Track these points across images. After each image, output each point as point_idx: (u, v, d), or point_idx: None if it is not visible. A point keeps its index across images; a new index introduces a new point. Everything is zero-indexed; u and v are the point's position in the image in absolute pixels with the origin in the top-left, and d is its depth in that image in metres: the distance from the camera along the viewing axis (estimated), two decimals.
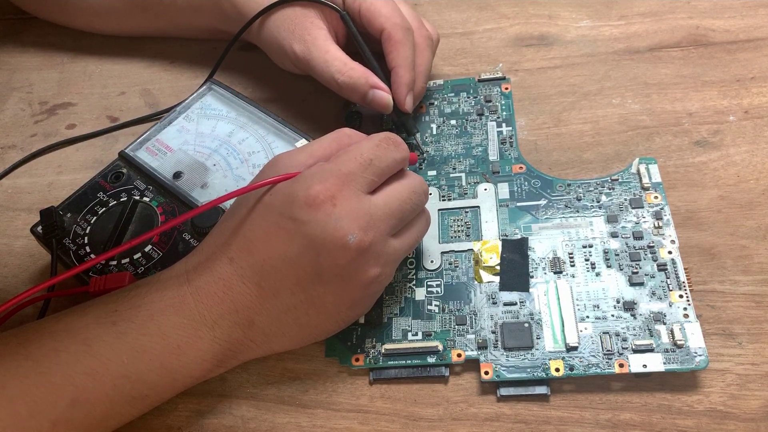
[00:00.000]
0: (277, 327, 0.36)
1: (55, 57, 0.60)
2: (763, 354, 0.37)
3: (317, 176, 0.34)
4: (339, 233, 0.33)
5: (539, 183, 0.44)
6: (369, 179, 0.35)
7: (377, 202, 0.35)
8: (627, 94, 0.49)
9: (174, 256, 0.41)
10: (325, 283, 0.34)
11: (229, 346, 0.36)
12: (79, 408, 0.33)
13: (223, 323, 0.35)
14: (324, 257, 0.34)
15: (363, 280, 0.35)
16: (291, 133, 0.45)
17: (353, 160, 0.35)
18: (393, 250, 0.36)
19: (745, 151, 0.45)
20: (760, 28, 0.51)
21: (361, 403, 0.38)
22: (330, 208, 0.33)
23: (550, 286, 0.39)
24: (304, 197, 0.34)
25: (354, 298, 0.36)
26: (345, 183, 0.34)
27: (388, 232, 0.35)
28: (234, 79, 0.54)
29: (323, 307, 0.35)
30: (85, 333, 0.34)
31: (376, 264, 0.35)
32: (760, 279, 0.39)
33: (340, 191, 0.34)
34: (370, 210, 0.34)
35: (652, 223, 0.41)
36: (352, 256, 0.34)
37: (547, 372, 0.36)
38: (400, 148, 0.37)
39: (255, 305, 0.35)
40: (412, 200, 0.37)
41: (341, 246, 0.33)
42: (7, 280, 0.46)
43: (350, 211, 0.34)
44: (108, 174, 0.46)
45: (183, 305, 0.35)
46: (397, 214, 0.36)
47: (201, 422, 0.38)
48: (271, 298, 0.35)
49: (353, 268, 0.34)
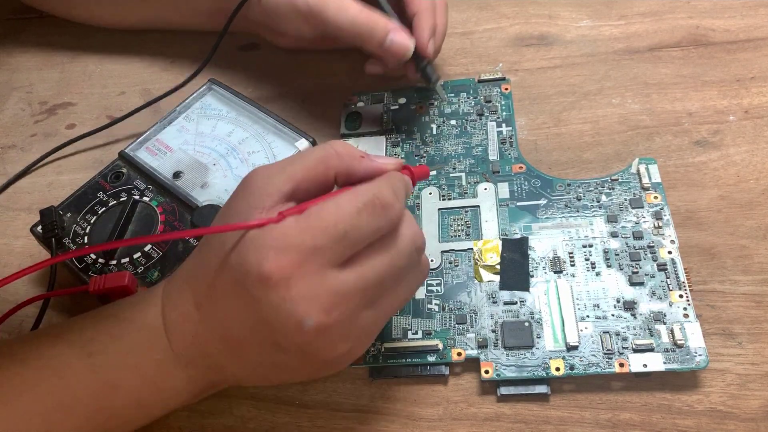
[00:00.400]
0: (250, 374, 0.34)
1: (55, 57, 0.60)
2: (763, 354, 0.37)
3: (274, 248, 0.29)
4: (293, 318, 0.29)
5: (539, 183, 0.44)
6: (339, 252, 0.30)
7: (347, 277, 0.30)
8: (627, 94, 0.49)
9: (174, 256, 0.41)
10: (288, 353, 0.31)
11: (205, 384, 0.34)
12: None
13: (198, 364, 0.33)
14: (280, 336, 0.30)
15: (328, 357, 0.31)
16: (291, 132, 0.45)
17: (323, 231, 0.29)
18: (368, 323, 0.31)
19: (745, 151, 0.45)
20: (760, 28, 0.51)
21: (361, 403, 0.38)
22: (284, 291, 0.29)
23: (550, 285, 0.39)
24: (257, 274, 0.29)
25: (320, 367, 0.33)
26: (307, 260, 0.29)
27: (363, 306, 0.31)
28: (234, 79, 0.54)
29: (289, 369, 0.33)
30: (59, 363, 0.32)
31: (344, 340, 0.31)
32: (760, 279, 0.39)
33: (298, 269, 0.29)
34: (336, 287, 0.29)
35: (652, 223, 0.41)
36: (309, 339, 0.30)
37: (548, 371, 0.36)
38: (388, 214, 0.31)
39: (223, 355, 0.32)
40: (396, 266, 0.31)
41: (296, 330, 0.29)
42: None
43: (308, 292, 0.29)
44: (108, 174, 0.46)
45: (158, 342, 0.33)
46: (373, 286, 0.31)
47: (201, 422, 0.38)
48: (238, 351, 0.32)
49: (315, 347, 0.30)
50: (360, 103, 0.50)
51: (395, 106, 0.50)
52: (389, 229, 0.31)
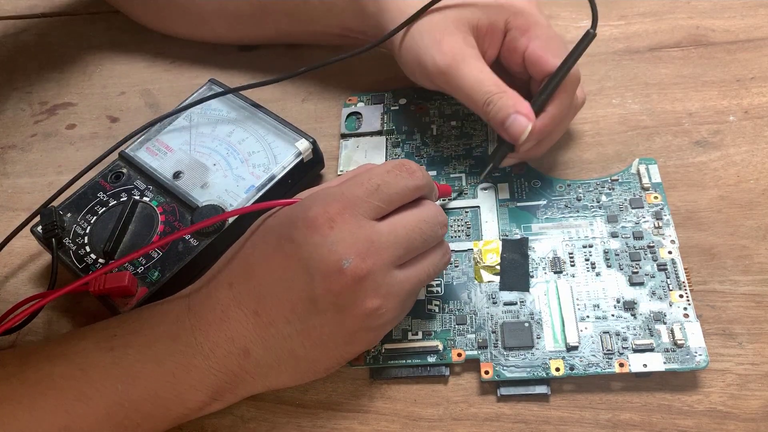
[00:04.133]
0: (273, 358, 0.34)
1: (55, 57, 0.60)
2: (763, 354, 0.37)
3: (319, 199, 0.33)
4: (333, 257, 0.32)
5: (539, 183, 0.44)
6: (375, 205, 0.33)
7: (381, 228, 0.33)
8: (627, 94, 0.49)
9: (174, 256, 0.41)
10: (321, 312, 0.33)
11: (224, 377, 0.34)
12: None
13: (219, 352, 0.34)
14: (318, 282, 0.32)
15: (360, 312, 0.33)
16: (291, 133, 0.45)
17: (359, 184, 0.34)
18: (396, 282, 0.34)
19: (745, 151, 0.45)
20: (760, 28, 0.51)
21: (361, 403, 0.38)
22: (327, 231, 0.32)
23: (550, 285, 0.39)
24: (303, 219, 0.33)
25: (351, 331, 0.34)
26: (347, 207, 0.33)
27: (392, 262, 0.33)
28: (234, 79, 0.54)
29: (319, 339, 0.34)
30: (82, 358, 0.34)
31: (375, 295, 0.33)
32: (760, 279, 0.39)
33: (339, 214, 0.33)
34: (372, 236, 0.33)
35: (652, 223, 0.41)
36: (347, 283, 0.32)
37: (548, 371, 0.36)
38: (414, 175, 0.35)
39: (251, 333, 0.34)
40: (422, 229, 0.34)
41: (335, 270, 0.32)
42: (7, 280, 0.46)
43: (348, 235, 0.32)
44: (108, 174, 0.46)
45: (180, 332, 0.34)
46: (403, 243, 0.34)
47: (201, 422, 0.38)
48: (267, 326, 0.34)
49: (349, 297, 0.32)
50: (360, 103, 0.50)
51: (395, 106, 0.50)
52: (417, 191, 0.35)
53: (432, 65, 0.42)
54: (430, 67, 0.42)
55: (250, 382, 0.35)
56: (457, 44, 0.42)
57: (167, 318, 0.35)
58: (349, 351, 0.35)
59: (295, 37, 0.54)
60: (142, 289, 0.40)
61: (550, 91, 0.41)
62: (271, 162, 0.44)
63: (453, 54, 0.41)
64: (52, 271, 0.41)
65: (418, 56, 0.43)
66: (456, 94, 0.43)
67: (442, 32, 0.42)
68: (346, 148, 0.48)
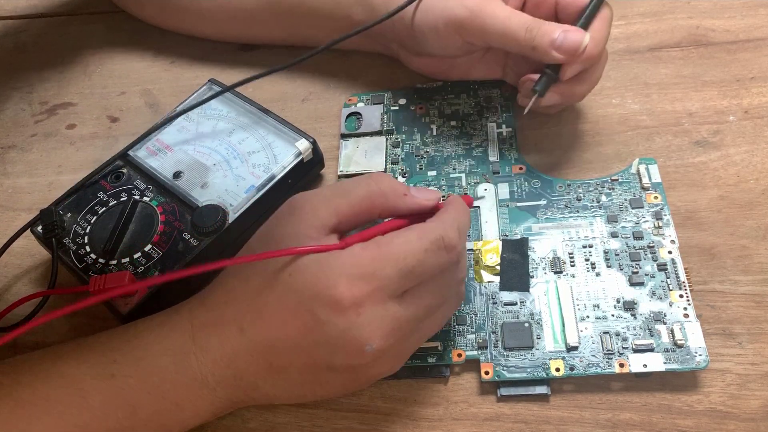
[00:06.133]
0: (281, 393, 0.34)
1: (55, 57, 0.60)
2: (763, 354, 0.37)
3: (346, 274, 0.31)
4: (358, 342, 0.31)
5: (539, 183, 0.44)
6: (403, 286, 0.32)
7: (406, 309, 0.32)
8: (627, 94, 0.49)
9: (173, 256, 0.41)
10: (336, 372, 0.33)
11: (229, 404, 0.34)
12: None
13: (225, 385, 0.33)
14: (339, 358, 0.32)
15: (375, 375, 0.34)
16: (291, 132, 0.45)
17: (393, 264, 0.31)
18: (410, 346, 0.34)
19: (745, 151, 0.45)
20: (760, 28, 0.51)
21: (361, 402, 0.38)
22: (353, 316, 0.30)
23: (550, 286, 0.39)
24: (328, 297, 0.30)
25: (361, 382, 0.34)
26: (376, 290, 0.31)
27: (411, 332, 0.33)
28: (234, 79, 0.54)
29: (330, 387, 0.34)
30: (81, 384, 0.33)
31: (390, 361, 0.34)
32: (760, 279, 0.39)
33: (368, 298, 0.31)
34: (396, 316, 0.31)
35: (652, 223, 0.41)
36: (367, 361, 0.32)
37: (548, 372, 0.36)
38: (452, 253, 0.32)
39: (261, 375, 0.33)
40: (444, 296, 0.34)
41: (357, 353, 0.31)
42: (7, 280, 0.46)
43: (374, 320, 0.31)
44: (108, 174, 0.46)
45: (185, 365, 0.33)
46: (425, 313, 0.33)
47: None
48: (279, 373, 0.33)
49: (367, 368, 0.33)
50: (360, 103, 0.51)
51: (395, 106, 0.50)
52: (450, 265, 0.33)
53: (460, 13, 0.42)
54: (459, 15, 0.42)
55: (255, 403, 0.35)
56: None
57: (170, 348, 0.34)
58: (354, 390, 0.37)
59: (300, 37, 0.53)
60: (142, 289, 0.40)
61: (591, 10, 0.41)
62: (271, 162, 0.44)
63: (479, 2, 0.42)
64: (52, 271, 0.41)
65: (444, 14, 0.43)
66: (490, 36, 0.42)
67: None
68: (346, 148, 0.48)
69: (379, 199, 0.33)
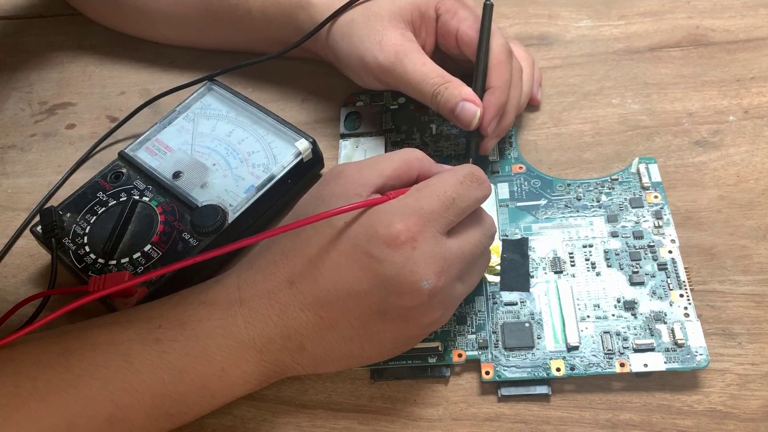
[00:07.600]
0: (328, 355, 0.35)
1: (55, 57, 0.60)
2: (763, 354, 0.37)
3: (399, 213, 0.33)
4: (414, 278, 0.32)
5: (539, 183, 0.44)
6: (449, 220, 0.33)
7: (452, 246, 0.34)
8: (627, 94, 0.49)
9: (173, 256, 0.41)
10: (388, 321, 0.33)
11: (275, 368, 0.35)
12: (116, 424, 0.32)
13: (273, 347, 0.34)
14: (394, 298, 0.33)
15: (425, 322, 0.34)
16: (291, 132, 0.45)
17: (436, 198, 0.33)
18: (458, 294, 0.35)
19: (745, 151, 0.45)
20: (760, 28, 0.51)
21: (361, 403, 0.38)
22: (409, 251, 0.32)
23: (550, 285, 0.39)
24: (385, 235, 0.32)
25: (410, 335, 0.35)
26: (426, 224, 0.33)
27: (458, 278, 0.34)
28: (234, 79, 0.54)
29: (379, 341, 0.35)
30: (127, 348, 0.33)
31: (440, 307, 0.34)
32: (760, 279, 0.39)
33: (421, 233, 0.32)
34: (446, 254, 0.33)
35: (652, 222, 0.41)
36: (421, 301, 0.33)
37: (548, 372, 0.36)
38: (484, 186, 0.35)
39: (310, 333, 0.34)
40: (483, 244, 0.36)
41: (414, 290, 0.32)
42: (7, 280, 0.46)
43: (428, 255, 0.32)
44: (108, 174, 0.46)
45: (232, 327, 0.34)
46: (468, 258, 0.35)
47: (201, 422, 0.38)
48: (329, 329, 0.34)
49: (420, 310, 0.33)
50: (360, 103, 0.50)
51: (395, 105, 0.50)
52: (483, 201, 0.35)
53: (376, 65, 0.43)
54: (374, 67, 0.43)
55: (299, 370, 0.36)
56: (398, 40, 0.43)
57: (215, 311, 0.34)
58: (401, 349, 0.36)
59: (241, 45, 0.55)
60: (141, 289, 0.40)
61: (482, 70, 0.42)
62: (270, 162, 0.44)
63: (395, 51, 0.42)
64: (52, 271, 0.41)
65: (361, 59, 0.44)
66: (404, 89, 0.44)
67: (381, 32, 0.43)
68: (345, 147, 0.48)
69: (416, 163, 0.36)
